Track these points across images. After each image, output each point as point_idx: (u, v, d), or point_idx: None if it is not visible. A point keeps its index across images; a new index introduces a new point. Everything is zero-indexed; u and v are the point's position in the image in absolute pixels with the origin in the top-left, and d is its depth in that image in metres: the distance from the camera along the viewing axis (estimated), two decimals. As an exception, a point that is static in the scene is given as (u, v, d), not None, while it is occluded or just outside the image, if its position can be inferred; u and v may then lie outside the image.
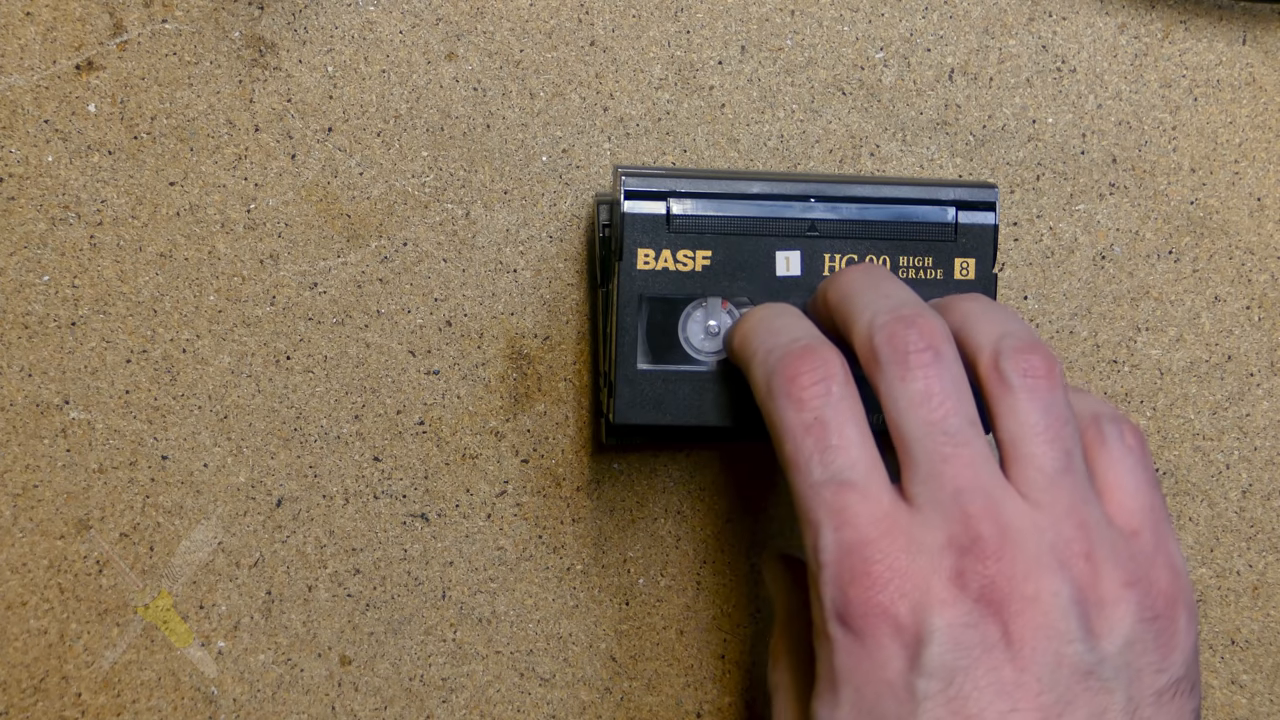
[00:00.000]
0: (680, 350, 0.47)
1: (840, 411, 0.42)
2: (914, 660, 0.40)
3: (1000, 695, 0.40)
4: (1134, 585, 0.41)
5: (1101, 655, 0.40)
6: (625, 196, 0.46)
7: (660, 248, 0.46)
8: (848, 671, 0.41)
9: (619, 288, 0.46)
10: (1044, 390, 0.42)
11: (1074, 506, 0.41)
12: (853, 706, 0.41)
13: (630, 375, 0.46)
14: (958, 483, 0.41)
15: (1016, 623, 0.40)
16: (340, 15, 0.50)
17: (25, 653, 0.51)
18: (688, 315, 0.47)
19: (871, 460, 0.42)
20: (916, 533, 0.41)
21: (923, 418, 0.42)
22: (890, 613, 0.40)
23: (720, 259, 0.46)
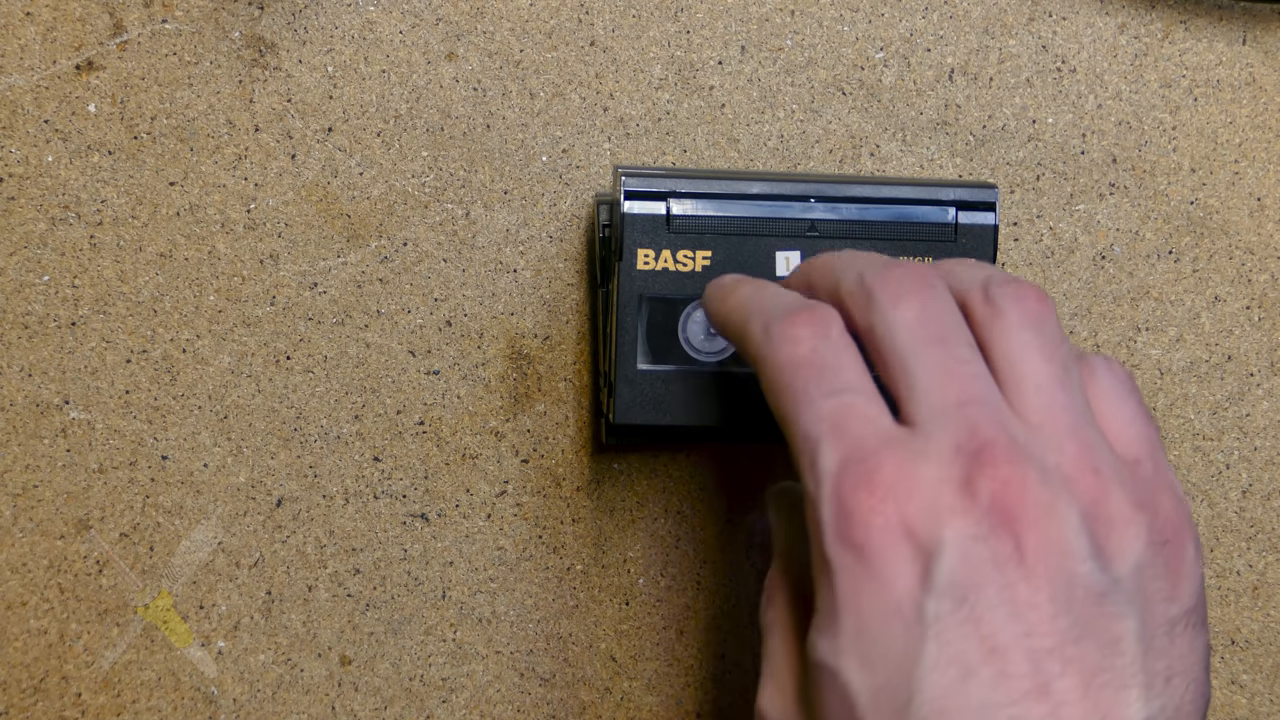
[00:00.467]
0: (680, 350, 0.47)
1: (839, 350, 0.41)
2: (923, 576, 0.38)
3: (1015, 617, 0.38)
4: (1142, 508, 0.40)
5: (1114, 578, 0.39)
6: (625, 196, 0.46)
7: (660, 248, 0.46)
8: (849, 596, 0.38)
9: (619, 288, 0.46)
10: (1035, 312, 0.41)
11: (1076, 425, 0.40)
12: (854, 636, 0.38)
13: (630, 375, 0.46)
14: (961, 395, 0.39)
15: (1029, 536, 0.38)
16: (340, 15, 0.50)
17: (25, 653, 0.51)
18: (688, 315, 0.47)
19: (871, 388, 0.40)
20: (920, 445, 0.39)
21: (920, 337, 0.40)
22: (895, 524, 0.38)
23: (720, 259, 0.46)
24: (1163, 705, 0.38)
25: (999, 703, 0.37)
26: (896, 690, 0.38)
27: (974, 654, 0.37)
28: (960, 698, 0.37)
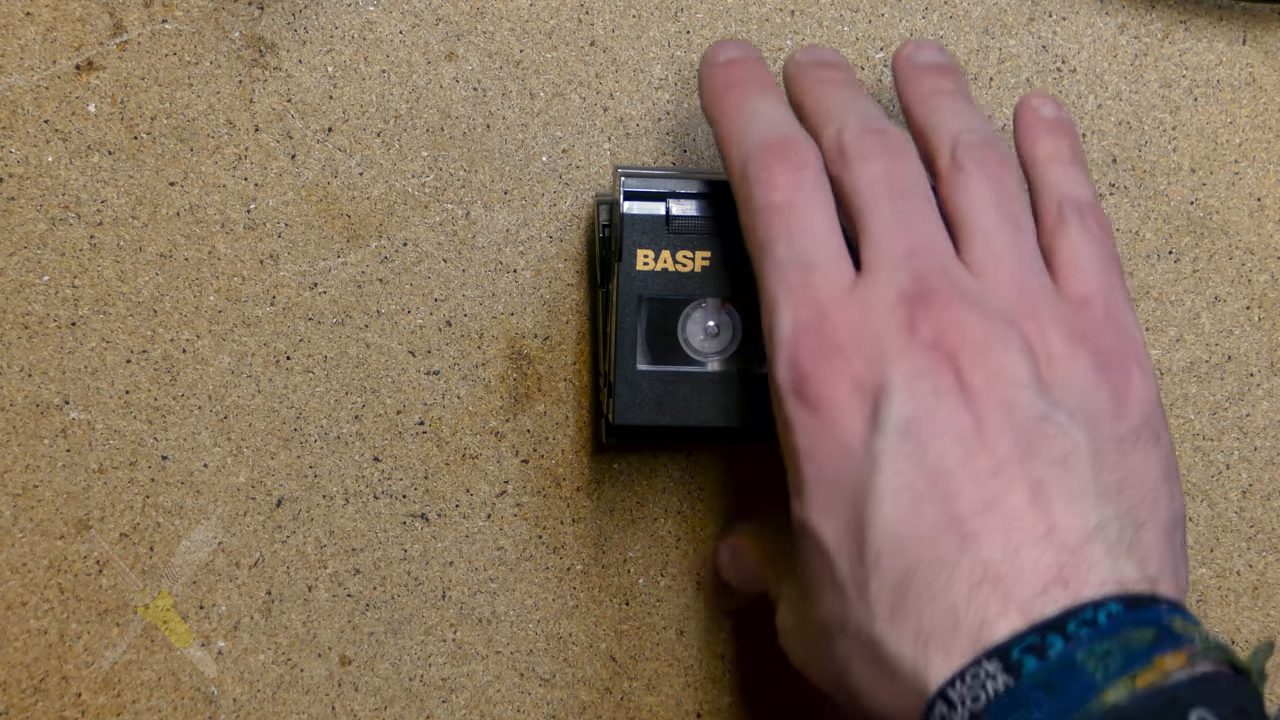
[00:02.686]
0: (680, 351, 0.46)
1: (812, 199, 0.43)
2: (871, 418, 0.40)
3: (959, 443, 0.39)
4: (1081, 341, 0.41)
5: (1054, 401, 0.40)
6: (625, 197, 0.46)
7: (660, 248, 0.46)
8: (808, 450, 0.41)
9: (619, 288, 0.46)
10: (995, 171, 0.43)
11: (1019, 272, 0.42)
12: (815, 486, 0.40)
13: (630, 376, 0.46)
14: (911, 243, 0.42)
15: (969, 370, 0.40)
16: (340, 15, 0.50)
17: (25, 653, 0.51)
18: (687, 316, 0.47)
19: (836, 244, 0.42)
20: (869, 295, 0.41)
21: (880, 192, 0.42)
22: (844, 376, 0.40)
23: (720, 259, 0.46)
24: (1116, 513, 0.39)
25: (948, 522, 0.39)
26: (855, 527, 0.39)
27: (921, 481, 0.39)
28: (912, 523, 0.39)
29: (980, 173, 0.43)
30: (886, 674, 0.39)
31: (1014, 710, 0.36)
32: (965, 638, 0.37)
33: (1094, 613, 0.37)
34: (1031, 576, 0.38)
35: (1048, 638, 0.37)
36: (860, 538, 0.39)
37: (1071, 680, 0.36)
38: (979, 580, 0.38)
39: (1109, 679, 0.36)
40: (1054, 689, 0.36)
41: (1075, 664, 0.36)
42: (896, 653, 0.38)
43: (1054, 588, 0.38)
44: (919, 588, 0.38)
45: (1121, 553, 0.39)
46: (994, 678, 0.37)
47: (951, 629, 0.38)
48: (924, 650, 0.38)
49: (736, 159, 0.44)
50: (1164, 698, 0.36)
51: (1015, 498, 0.39)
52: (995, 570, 0.38)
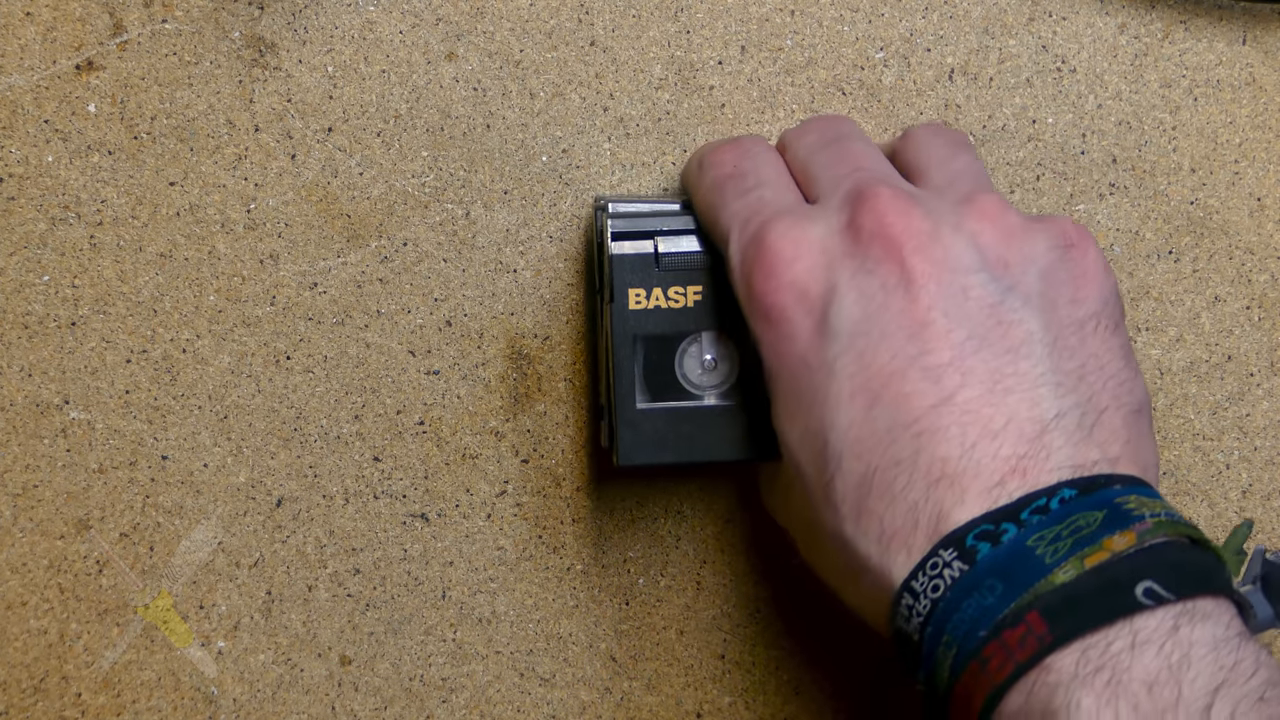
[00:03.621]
0: (678, 386, 0.46)
1: (760, 162, 0.44)
2: (821, 323, 0.40)
3: (910, 339, 0.39)
4: (1038, 222, 0.41)
5: (1009, 284, 0.40)
6: (613, 238, 0.46)
7: (651, 286, 0.46)
8: (772, 362, 0.41)
9: (613, 329, 0.46)
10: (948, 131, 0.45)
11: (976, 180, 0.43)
12: (782, 396, 0.41)
13: (630, 417, 0.46)
14: (853, 164, 0.42)
15: (914, 259, 0.39)
16: (340, 15, 0.50)
17: (25, 653, 0.51)
18: (683, 351, 0.46)
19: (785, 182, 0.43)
20: (814, 212, 0.42)
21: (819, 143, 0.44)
22: (789, 285, 0.40)
23: (712, 293, 0.46)
24: (1076, 401, 0.39)
25: (904, 423, 0.38)
26: (815, 434, 0.40)
27: (874, 382, 0.39)
28: (868, 425, 0.39)
29: (929, 130, 0.45)
30: (857, 571, 0.39)
31: (969, 595, 0.37)
32: (923, 534, 0.38)
33: (1046, 499, 0.37)
34: (988, 470, 0.38)
35: (1001, 525, 0.37)
36: (822, 443, 0.40)
37: (1022, 564, 0.36)
38: (936, 478, 0.38)
39: (1057, 561, 0.36)
40: (1006, 574, 0.36)
41: (1026, 548, 0.37)
42: (865, 552, 0.39)
43: (1011, 478, 0.38)
44: (879, 489, 0.38)
45: (1081, 439, 0.38)
46: (950, 565, 0.37)
47: (912, 527, 0.38)
48: (887, 548, 0.38)
49: (693, 164, 0.46)
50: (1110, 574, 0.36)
51: (971, 391, 0.38)
52: (953, 467, 0.38)
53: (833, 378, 0.39)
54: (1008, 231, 0.41)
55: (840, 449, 0.39)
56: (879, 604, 0.39)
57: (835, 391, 0.39)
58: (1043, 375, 0.39)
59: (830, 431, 0.39)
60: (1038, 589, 0.36)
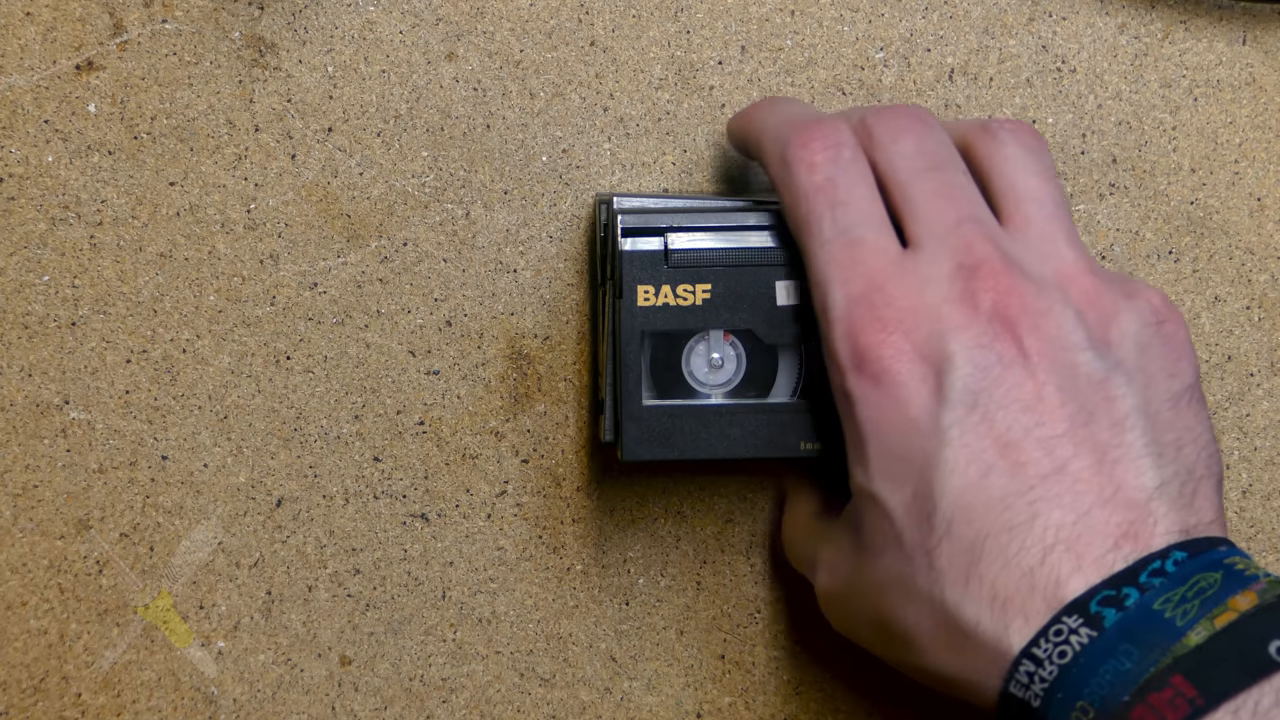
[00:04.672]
0: (684, 384, 0.46)
1: (850, 173, 0.43)
2: (936, 391, 0.40)
3: (1025, 411, 0.40)
4: (1134, 298, 0.42)
5: (1114, 362, 0.41)
6: (622, 234, 0.46)
7: (660, 283, 0.46)
8: (871, 423, 0.41)
9: (621, 325, 0.46)
10: (1032, 143, 0.44)
11: (1071, 236, 0.43)
12: (881, 459, 0.41)
13: (636, 413, 0.46)
14: (957, 214, 0.42)
15: (1030, 337, 0.41)
16: (340, 15, 0.50)
17: (25, 653, 0.51)
18: (690, 349, 0.46)
19: (880, 217, 0.43)
20: (923, 269, 0.42)
21: (917, 166, 0.43)
22: (905, 351, 0.41)
23: (720, 291, 0.46)
24: (1175, 471, 0.41)
25: (1017, 491, 0.40)
26: (924, 499, 0.40)
27: (989, 451, 0.40)
28: (981, 493, 0.40)
29: (1017, 143, 0.44)
30: (959, 638, 0.40)
31: (1104, 661, 0.37)
32: (1041, 599, 0.39)
33: (1161, 562, 0.38)
34: (1102, 535, 0.39)
35: (1123, 589, 0.38)
36: (929, 508, 0.40)
37: (1153, 627, 0.37)
38: (1051, 544, 0.39)
39: (1189, 623, 0.37)
40: (1137, 637, 0.37)
41: (1153, 611, 0.38)
42: (973, 618, 0.39)
43: (1124, 543, 0.39)
44: (992, 555, 0.39)
45: (1183, 506, 0.40)
46: (1076, 632, 0.38)
47: (1028, 592, 0.39)
48: (1002, 614, 0.39)
49: (774, 148, 0.45)
50: (1243, 634, 0.37)
51: (1081, 461, 0.40)
52: (1067, 534, 0.39)
53: (946, 445, 0.40)
54: (1106, 311, 0.42)
55: (951, 514, 0.40)
56: (986, 672, 0.40)
57: (949, 458, 0.40)
58: (1146, 447, 0.40)
59: (941, 497, 0.40)
60: (1174, 651, 0.37)
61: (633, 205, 0.47)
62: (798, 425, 0.46)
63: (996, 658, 0.39)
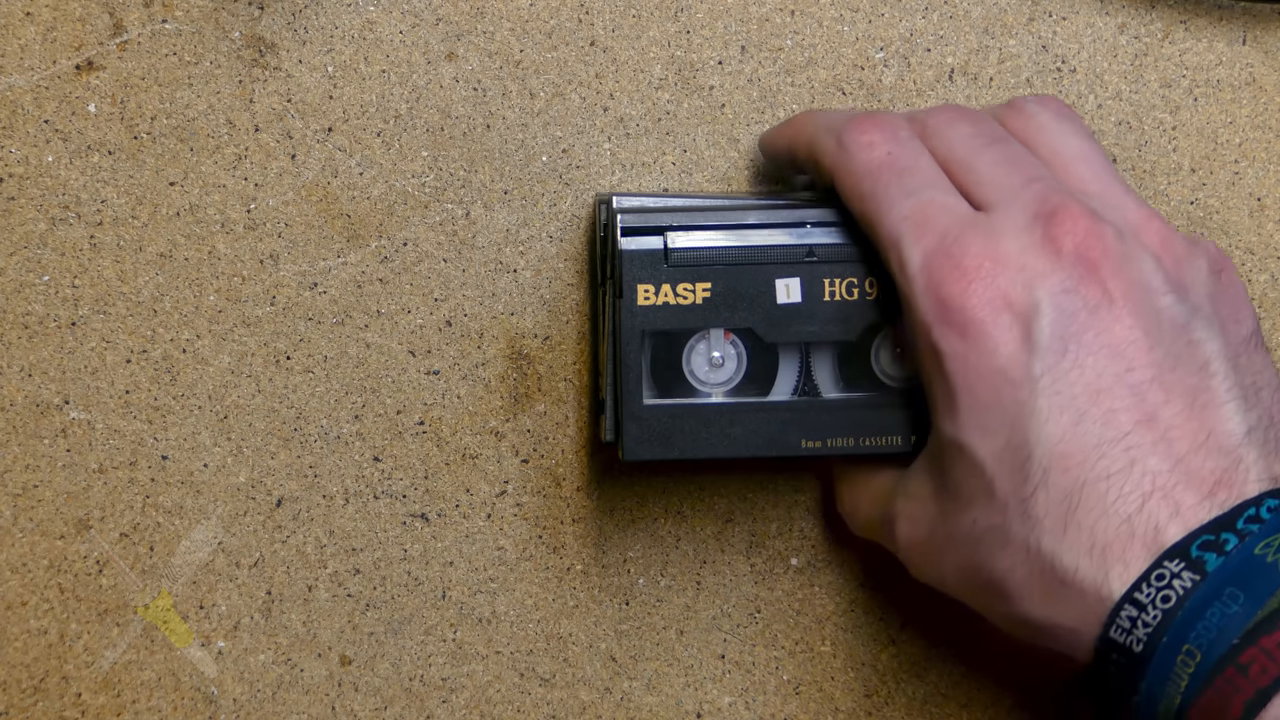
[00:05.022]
0: (685, 383, 0.46)
1: (910, 148, 0.44)
2: (1024, 339, 0.40)
3: (1115, 356, 0.40)
4: (1195, 244, 0.43)
5: (1192, 307, 0.42)
6: (622, 233, 0.46)
7: (660, 282, 0.46)
8: (961, 375, 0.41)
9: (621, 325, 0.46)
10: (1063, 110, 0.45)
11: (1127, 188, 0.44)
12: (971, 410, 0.41)
13: (637, 412, 0.46)
14: (1024, 175, 0.43)
15: (1114, 280, 0.41)
16: (340, 15, 0.50)
17: (25, 653, 0.51)
18: (690, 348, 0.46)
19: (946, 183, 0.43)
20: (998, 223, 0.42)
21: (978, 143, 0.44)
22: (991, 299, 0.41)
23: (720, 290, 0.46)
24: (1259, 416, 0.41)
25: (1112, 438, 0.40)
26: (1017, 449, 0.40)
27: (1082, 399, 0.40)
28: (1076, 441, 0.40)
29: (1050, 112, 0.45)
30: (1057, 585, 0.40)
31: (1209, 604, 0.38)
32: (1141, 545, 0.39)
33: (1256, 509, 0.39)
34: (1197, 482, 0.39)
35: (1221, 535, 0.38)
36: (1023, 457, 0.40)
37: (1257, 572, 0.38)
38: (1149, 491, 0.39)
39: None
40: (1242, 581, 0.38)
41: (1255, 556, 0.38)
42: (1071, 565, 0.40)
43: (1219, 490, 0.39)
44: (1090, 503, 0.39)
45: (1269, 452, 0.40)
46: (1179, 576, 0.38)
47: (1128, 539, 0.39)
48: (1101, 561, 0.39)
49: (828, 140, 0.45)
50: None
51: (1173, 408, 0.40)
52: (1164, 481, 0.39)
53: (1038, 393, 0.40)
54: (1180, 256, 0.42)
55: (1046, 463, 0.40)
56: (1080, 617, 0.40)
57: (1042, 406, 0.40)
58: (1229, 391, 0.41)
59: (1036, 446, 0.40)
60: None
61: (632, 204, 0.47)
62: (799, 424, 0.46)
63: (1096, 604, 0.39)
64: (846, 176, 0.44)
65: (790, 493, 0.52)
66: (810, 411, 0.46)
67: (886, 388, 0.46)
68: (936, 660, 0.52)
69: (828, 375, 0.46)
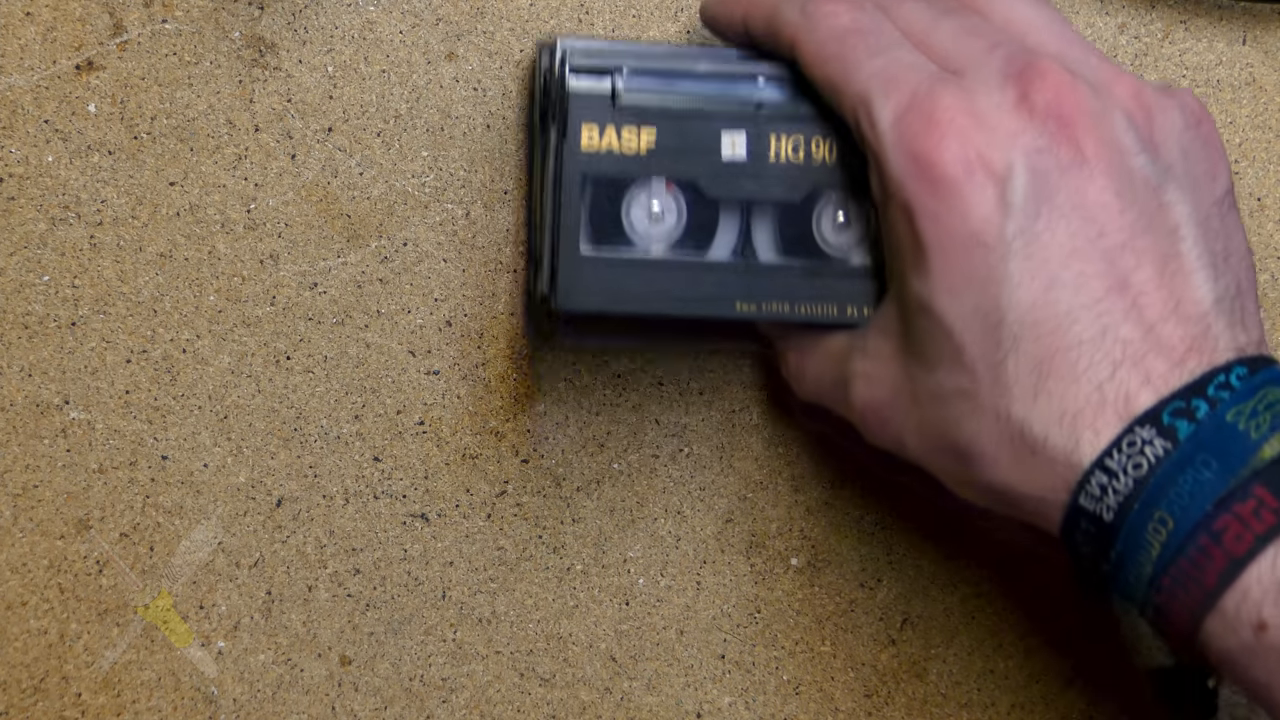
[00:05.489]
0: (623, 236, 0.45)
1: (875, 16, 0.43)
2: (998, 201, 0.40)
3: (1087, 220, 0.40)
4: (1171, 95, 0.42)
5: (1164, 167, 0.41)
6: (570, 71, 0.44)
7: (605, 123, 0.44)
8: (932, 233, 0.40)
9: (563, 167, 0.44)
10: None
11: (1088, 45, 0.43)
12: (942, 270, 0.40)
13: (573, 260, 0.44)
14: (989, 41, 0.42)
15: (1087, 140, 0.40)
16: (340, 15, 0.50)
17: (25, 653, 0.51)
18: (631, 199, 0.45)
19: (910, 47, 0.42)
20: (969, 83, 0.41)
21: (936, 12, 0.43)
22: (965, 156, 0.40)
23: (665, 140, 0.45)
24: (1227, 285, 0.41)
25: (1084, 305, 0.39)
26: (988, 313, 0.40)
27: (1055, 262, 0.39)
28: (1048, 307, 0.39)
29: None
30: (1026, 452, 0.40)
31: (1181, 471, 0.38)
32: (1112, 412, 0.39)
33: (1225, 376, 0.38)
34: (1167, 350, 0.39)
35: (1192, 401, 0.38)
36: (994, 322, 0.40)
37: (1229, 439, 0.38)
38: (1120, 359, 0.39)
39: (1262, 436, 0.38)
40: (1214, 448, 0.38)
41: (1227, 423, 0.38)
42: (1041, 432, 0.39)
43: (1190, 358, 0.39)
44: (1061, 370, 0.39)
45: (1235, 321, 0.40)
46: (1151, 443, 0.38)
47: (1099, 406, 0.39)
48: (1072, 428, 0.39)
49: (790, 9, 0.43)
50: None
51: (1144, 273, 0.40)
52: (1134, 349, 0.39)
53: (1010, 257, 0.39)
54: (1152, 110, 0.41)
55: (1018, 329, 0.39)
56: (1048, 484, 0.40)
57: (1014, 271, 0.39)
58: (1199, 258, 0.40)
59: (1008, 311, 0.40)
60: (1253, 464, 0.37)
61: (581, 46, 0.45)
62: (735, 285, 0.45)
63: (1066, 471, 0.39)
64: (810, 43, 0.43)
65: (790, 493, 0.52)
66: (748, 274, 0.45)
67: (826, 256, 0.45)
68: (936, 660, 0.52)
69: (767, 238, 0.45)
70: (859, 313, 0.45)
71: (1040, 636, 0.53)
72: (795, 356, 0.47)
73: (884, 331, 0.43)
